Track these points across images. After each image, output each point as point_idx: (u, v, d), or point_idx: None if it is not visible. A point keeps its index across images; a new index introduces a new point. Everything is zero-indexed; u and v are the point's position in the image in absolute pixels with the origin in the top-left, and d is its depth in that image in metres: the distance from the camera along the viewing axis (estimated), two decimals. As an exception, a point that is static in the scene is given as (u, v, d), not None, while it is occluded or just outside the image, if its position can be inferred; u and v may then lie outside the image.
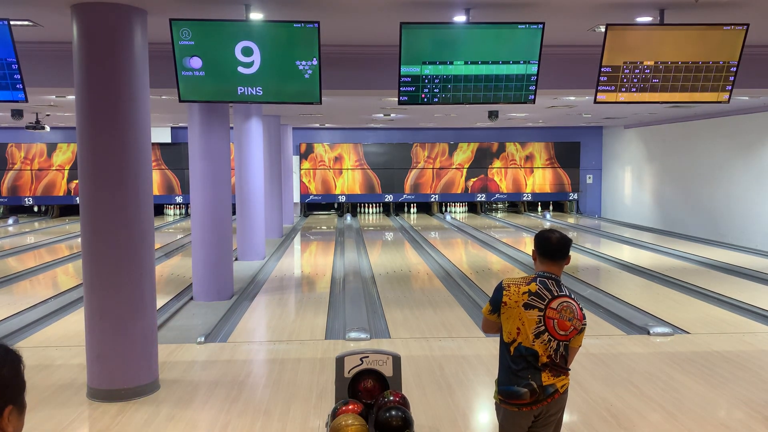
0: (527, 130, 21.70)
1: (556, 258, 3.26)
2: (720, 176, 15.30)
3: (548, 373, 3.09)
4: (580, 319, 3.14)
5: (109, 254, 5.24)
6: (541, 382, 3.08)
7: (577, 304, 3.15)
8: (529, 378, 3.08)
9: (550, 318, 3.08)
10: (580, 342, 3.20)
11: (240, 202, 12.01)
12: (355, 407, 3.92)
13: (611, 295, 9.08)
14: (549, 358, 3.09)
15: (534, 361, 3.08)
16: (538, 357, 3.08)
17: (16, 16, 5.75)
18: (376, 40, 6.83)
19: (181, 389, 5.49)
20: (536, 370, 3.09)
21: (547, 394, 3.09)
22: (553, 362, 3.09)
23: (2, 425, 1.45)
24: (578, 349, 3.24)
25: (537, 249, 3.30)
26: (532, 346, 3.07)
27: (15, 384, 1.49)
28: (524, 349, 3.08)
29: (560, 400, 3.16)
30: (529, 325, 3.08)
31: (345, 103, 13.13)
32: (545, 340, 3.07)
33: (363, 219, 21.09)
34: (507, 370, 3.16)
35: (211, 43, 5.59)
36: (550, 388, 3.09)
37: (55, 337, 7.08)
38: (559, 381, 3.12)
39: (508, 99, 6.05)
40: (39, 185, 21.14)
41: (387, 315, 8.03)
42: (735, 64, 5.98)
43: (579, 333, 3.16)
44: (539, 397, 3.09)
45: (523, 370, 3.09)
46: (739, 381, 5.63)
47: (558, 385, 3.11)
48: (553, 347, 3.08)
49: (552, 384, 3.10)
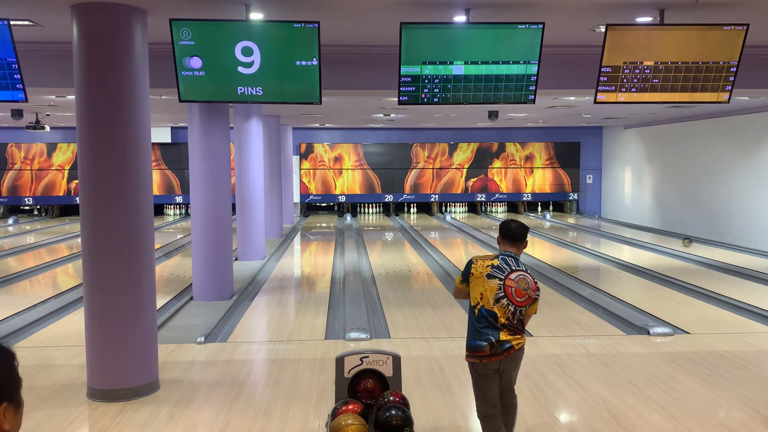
0: (527, 130, 21.71)
1: (515, 241, 3.98)
2: (720, 176, 15.30)
3: (505, 331, 3.74)
4: (534, 289, 3.81)
5: (109, 254, 5.24)
6: (499, 338, 3.72)
7: (532, 278, 3.84)
8: (489, 334, 3.72)
9: (509, 286, 3.75)
10: (534, 310, 3.87)
11: (240, 202, 12.01)
12: (355, 407, 3.92)
13: (611, 295, 9.08)
14: (507, 320, 3.73)
15: (494, 321, 3.73)
16: (497, 318, 3.73)
17: (16, 16, 5.75)
18: (376, 40, 6.83)
19: (181, 389, 5.48)
20: (495, 329, 3.73)
21: (504, 349, 3.73)
22: (510, 323, 3.74)
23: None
24: (533, 315, 3.91)
25: (500, 234, 4.03)
26: (492, 308, 3.73)
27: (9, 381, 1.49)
28: (486, 311, 3.75)
29: (516, 355, 3.80)
30: (490, 291, 3.75)
31: (345, 103, 13.13)
32: (504, 304, 3.73)
33: (363, 219, 21.09)
34: (472, 329, 3.82)
35: (211, 43, 5.59)
36: (506, 343, 3.73)
37: (55, 337, 7.08)
38: (515, 339, 3.76)
39: (508, 99, 6.05)
40: (39, 185, 21.14)
41: (387, 315, 8.03)
42: (735, 64, 5.98)
43: (533, 302, 3.82)
44: (497, 350, 3.72)
45: (485, 328, 3.74)
46: (739, 381, 5.63)
47: (513, 342, 3.75)
48: (511, 311, 3.74)
49: (508, 340, 3.73)
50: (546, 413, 4.94)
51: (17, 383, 1.52)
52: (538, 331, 7.21)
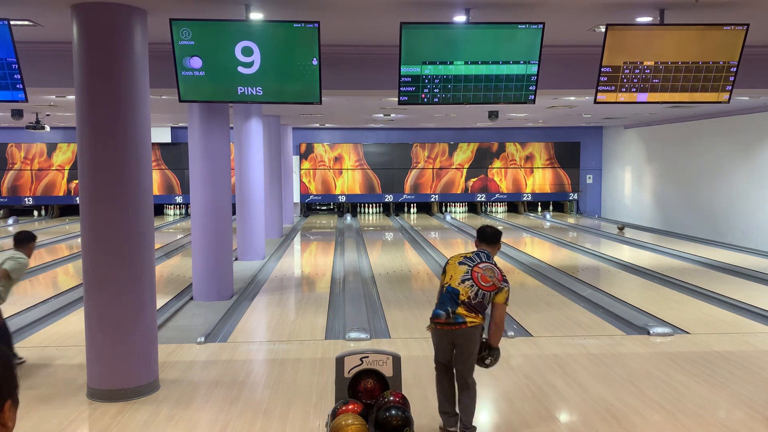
0: (527, 130, 21.71)
1: (490, 243, 4.59)
2: (720, 176, 15.30)
3: (463, 308, 4.28)
4: (500, 279, 4.34)
5: (109, 254, 5.24)
6: (456, 310, 4.28)
7: (500, 271, 4.38)
8: (448, 306, 4.29)
9: (476, 272, 4.34)
10: (502, 299, 4.36)
11: (240, 202, 12.01)
12: (355, 407, 3.93)
13: (611, 295, 9.08)
14: (468, 299, 4.29)
15: (456, 297, 4.31)
16: (459, 295, 4.30)
17: (16, 16, 5.75)
18: (376, 40, 6.83)
19: (181, 389, 5.49)
20: (455, 303, 4.30)
21: (457, 321, 4.27)
22: (470, 302, 4.28)
23: (3, 420, 1.48)
24: (504, 307, 4.39)
25: (477, 237, 4.65)
26: (456, 287, 4.33)
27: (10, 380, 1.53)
28: (451, 289, 4.35)
29: (467, 332, 4.28)
30: (458, 274, 4.36)
31: (345, 103, 13.13)
32: (468, 285, 4.31)
33: (363, 219, 21.09)
34: (438, 302, 4.42)
35: (211, 43, 5.59)
36: (460, 317, 4.27)
37: (55, 337, 7.08)
38: (469, 316, 4.28)
39: (508, 99, 6.05)
40: (39, 185, 21.14)
41: (387, 315, 8.03)
42: (735, 64, 5.98)
43: (499, 291, 4.33)
44: (450, 320, 4.27)
45: (447, 302, 4.33)
46: (739, 381, 5.63)
47: (467, 319, 4.27)
48: (474, 291, 4.29)
49: (462, 315, 4.27)
50: (546, 413, 4.94)
51: (16, 382, 1.56)
52: (538, 331, 7.21)
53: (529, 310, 8.23)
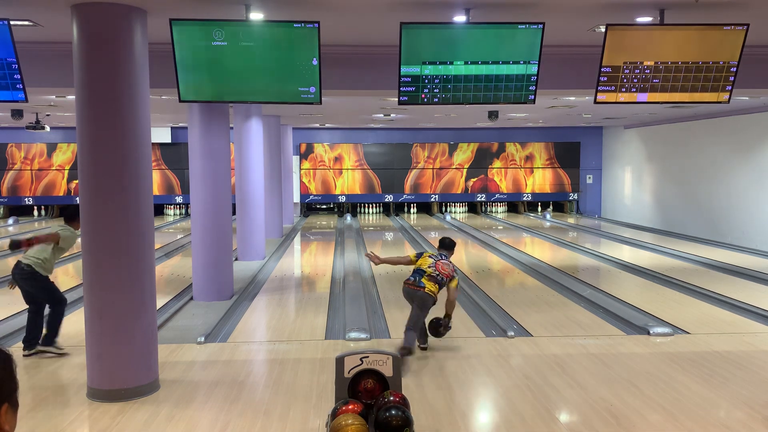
0: (527, 130, 21.71)
1: (447, 249, 6.80)
2: (720, 176, 15.31)
3: (426, 278, 6.34)
4: (452, 270, 6.50)
5: (109, 254, 5.25)
6: (420, 278, 6.35)
7: (453, 266, 6.56)
8: (417, 275, 6.39)
9: (438, 264, 6.45)
10: (454, 284, 6.49)
11: (240, 202, 12.01)
12: (355, 407, 3.92)
13: (611, 295, 9.08)
14: (429, 276, 6.36)
15: (422, 273, 6.40)
16: (424, 272, 6.39)
17: (16, 16, 5.75)
18: (376, 40, 6.83)
19: (181, 389, 5.49)
20: (422, 275, 6.38)
21: (419, 285, 6.31)
22: (432, 277, 6.35)
23: (0, 422, 1.47)
24: (456, 290, 6.56)
25: (439, 245, 6.88)
26: (425, 269, 6.42)
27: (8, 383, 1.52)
28: (419, 269, 6.46)
29: (423, 295, 6.28)
30: (427, 264, 6.47)
31: (345, 103, 13.14)
32: (432, 268, 6.41)
33: (363, 219, 21.09)
34: (411, 274, 6.48)
35: (211, 43, 5.58)
36: (422, 283, 6.31)
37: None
38: (429, 285, 6.31)
39: (508, 99, 6.05)
40: (39, 185, 21.14)
41: (387, 315, 8.03)
42: (735, 64, 5.98)
43: (452, 279, 6.45)
44: (416, 283, 6.34)
45: (415, 273, 6.44)
46: (739, 381, 5.63)
47: (427, 285, 6.30)
48: (435, 272, 6.38)
49: (424, 283, 6.30)
50: (546, 413, 4.94)
51: (15, 385, 1.55)
52: (538, 331, 7.22)
53: (529, 310, 8.24)
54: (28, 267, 6.51)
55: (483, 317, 7.97)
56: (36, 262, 6.50)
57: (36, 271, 6.49)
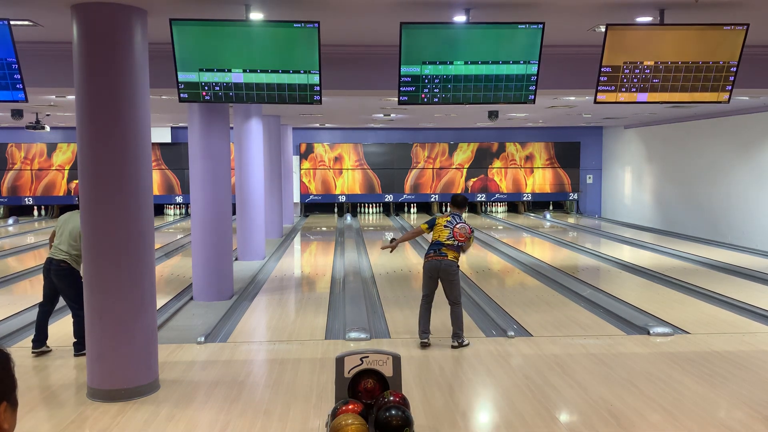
0: (527, 130, 21.71)
1: (460, 207, 6.96)
2: (720, 176, 15.31)
3: (446, 248, 6.64)
4: (469, 232, 6.70)
5: (109, 254, 5.24)
6: (441, 249, 6.64)
7: (468, 227, 6.75)
8: (437, 247, 6.68)
9: (455, 231, 6.65)
10: (470, 244, 6.80)
11: (240, 202, 12.01)
12: (355, 407, 3.93)
13: (611, 295, 9.08)
14: (448, 246, 6.63)
15: (441, 245, 6.67)
16: (444, 243, 6.66)
17: (16, 16, 5.75)
18: (376, 40, 6.83)
19: (181, 389, 5.49)
20: (441, 246, 6.66)
21: (441, 254, 6.64)
22: (451, 245, 6.64)
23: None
24: (471, 244, 6.84)
25: (451, 203, 7.06)
26: (443, 241, 6.67)
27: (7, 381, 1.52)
28: (437, 241, 6.70)
29: (447, 263, 6.63)
30: (443, 233, 6.70)
31: (345, 103, 13.13)
32: (449, 237, 6.65)
33: (363, 219, 21.09)
34: (429, 247, 6.84)
35: (211, 42, 5.59)
36: (443, 253, 6.64)
37: (55, 337, 7.06)
38: (450, 254, 6.64)
39: (508, 99, 6.05)
40: (39, 185, 21.14)
41: (387, 315, 8.03)
42: (735, 64, 5.98)
43: (468, 239, 6.70)
44: (437, 254, 6.64)
45: (435, 245, 6.72)
46: (739, 381, 5.63)
47: (449, 255, 6.63)
48: (452, 241, 6.62)
49: (445, 252, 6.63)
50: (546, 413, 4.94)
51: (14, 384, 1.55)
52: (538, 331, 7.22)
53: (529, 310, 8.24)
54: (65, 263, 6.28)
55: (483, 317, 7.97)
56: (72, 257, 6.27)
57: (74, 268, 6.29)
